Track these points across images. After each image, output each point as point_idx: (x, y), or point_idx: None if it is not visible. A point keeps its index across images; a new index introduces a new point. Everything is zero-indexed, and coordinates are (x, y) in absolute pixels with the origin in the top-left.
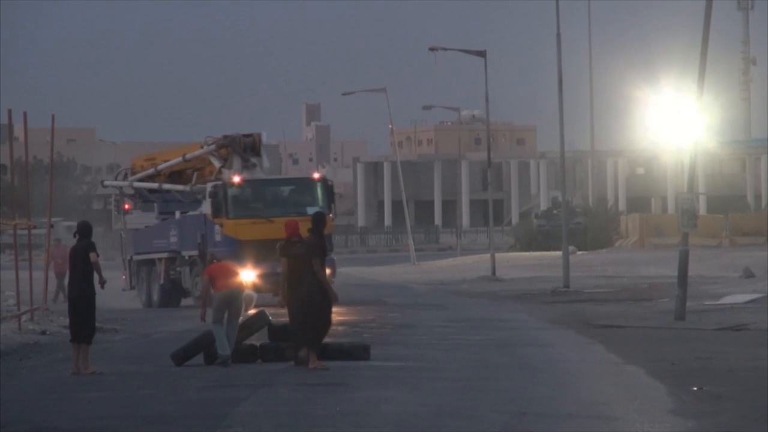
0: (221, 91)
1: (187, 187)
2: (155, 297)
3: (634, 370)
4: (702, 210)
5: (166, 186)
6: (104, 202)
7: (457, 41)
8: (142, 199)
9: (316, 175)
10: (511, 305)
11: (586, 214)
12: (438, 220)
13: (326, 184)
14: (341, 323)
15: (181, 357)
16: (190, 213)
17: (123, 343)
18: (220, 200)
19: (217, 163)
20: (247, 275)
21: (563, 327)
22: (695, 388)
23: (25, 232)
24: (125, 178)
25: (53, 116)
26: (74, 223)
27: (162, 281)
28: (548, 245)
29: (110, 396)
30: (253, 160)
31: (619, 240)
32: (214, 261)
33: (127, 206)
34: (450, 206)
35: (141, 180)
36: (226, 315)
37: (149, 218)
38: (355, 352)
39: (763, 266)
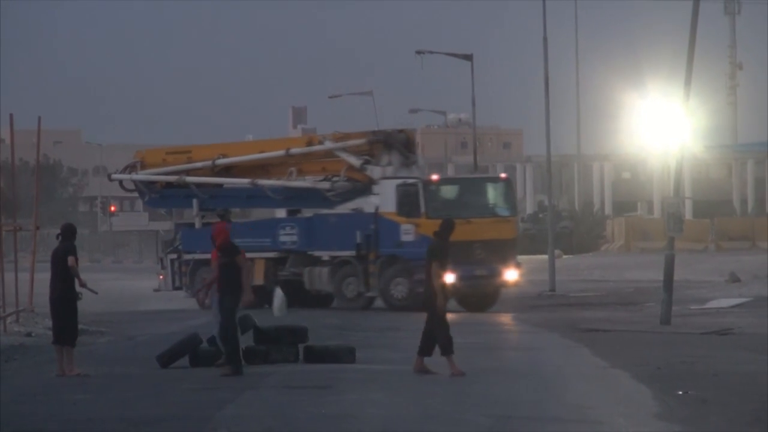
0: (207, 93)
1: (324, 184)
2: None
3: (619, 374)
4: (688, 214)
5: (290, 183)
6: (90, 204)
7: (443, 44)
8: (158, 194)
9: (503, 175)
10: (497, 308)
11: (572, 218)
12: None
13: (511, 185)
14: (326, 326)
15: (167, 359)
16: (326, 211)
17: (108, 345)
18: (414, 199)
19: (354, 161)
20: (447, 278)
21: (549, 330)
22: (680, 392)
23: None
24: (131, 171)
25: (39, 118)
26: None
27: (263, 282)
28: (534, 249)
29: (96, 398)
30: (412, 157)
31: (605, 244)
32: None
33: (113, 208)
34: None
35: (171, 173)
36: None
37: (140, 219)
38: (340, 354)
39: (749, 270)
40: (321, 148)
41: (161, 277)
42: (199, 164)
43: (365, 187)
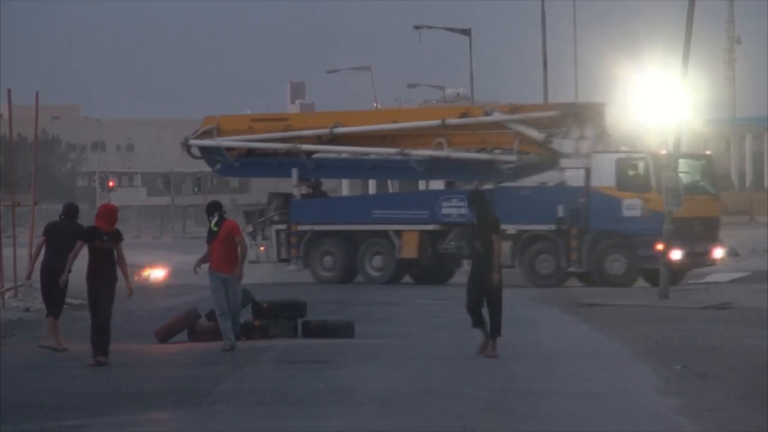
0: (205, 68)
1: (509, 157)
2: (372, 271)
3: (618, 348)
4: None
5: (460, 154)
6: (88, 180)
7: (441, 19)
8: (239, 162)
9: (707, 152)
10: None
11: None
12: None
13: (713, 162)
14: (326, 300)
15: (165, 334)
16: (512, 184)
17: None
18: (642, 173)
19: (536, 134)
20: (675, 254)
21: (547, 305)
22: (679, 367)
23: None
24: (205, 137)
25: (37, 93)
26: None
27: (416, 255)
28: None
29: (94, 373)
30: (605, 130)
31: None
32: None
33: (111, 183)
34: (435, 185)
35: (265, 140)
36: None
37: (139, 195)
38: (339, 329)
39: (747, 245)
40: (493, 119)
41: (262, 248)
42: (309, 132)
43: (551, 161)
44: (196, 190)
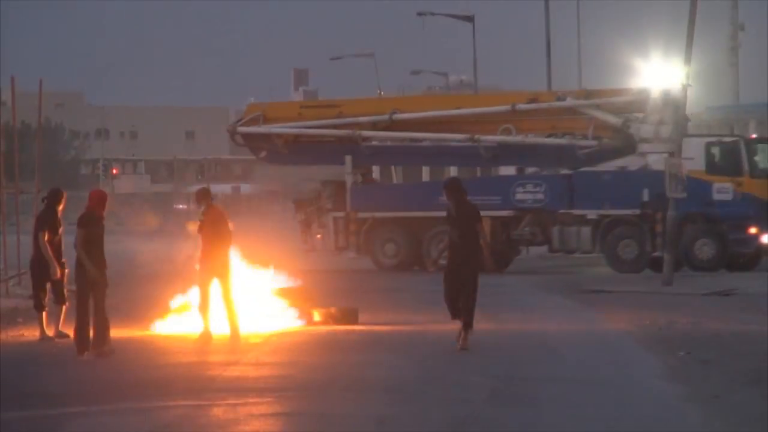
0: (209, 54)
1: (588, 142)
2: (440, 259)
3: (622, 335)
4: None
5: (534, 140)
6: (92, 167)
7: (445, 6)
8: (287, 149)
9: None
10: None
11: None
12: None
13: None
14: (330, 288)
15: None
16: (591, 168)
17: (110, 308)
18: (734, 157)
19: (613, 119)
20: (766, 238)
21: (551, 292)
22: (683, 353)
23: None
24: (250, 125)
25: (41, 80)
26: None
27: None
28: None
29: (98, 360)
30: (684, 115)
31: None
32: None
33: (115, 171)
34: (440, 173)
35: (318, 127)
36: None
37: (143, 182)
38: (343, 316)
39: None
40: (567, 104)
41: (319, 236)
42: (365, 118)
43: (629, 146)
44: (199, 177)
